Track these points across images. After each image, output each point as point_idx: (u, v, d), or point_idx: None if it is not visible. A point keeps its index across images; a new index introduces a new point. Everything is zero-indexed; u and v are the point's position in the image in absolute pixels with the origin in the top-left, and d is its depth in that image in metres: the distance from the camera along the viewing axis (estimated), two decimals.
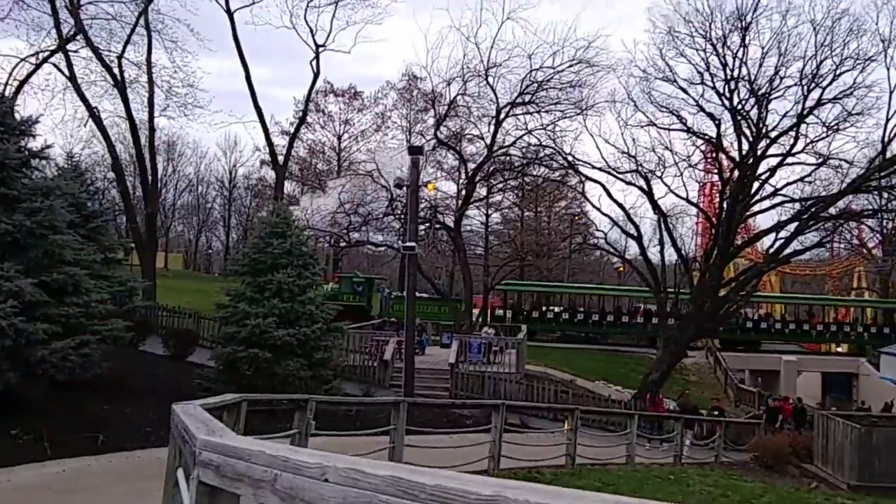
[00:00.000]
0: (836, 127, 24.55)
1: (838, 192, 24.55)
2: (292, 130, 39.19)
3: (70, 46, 26.02)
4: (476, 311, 34.83)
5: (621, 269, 67.11)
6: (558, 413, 20.75)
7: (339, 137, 52.02)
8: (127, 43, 26.98)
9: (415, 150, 18.15)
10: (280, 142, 38.36)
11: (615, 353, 39.95)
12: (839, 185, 24.85)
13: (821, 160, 24.96)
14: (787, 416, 25.88)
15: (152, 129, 27.61)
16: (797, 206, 27.43)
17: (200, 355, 20.50)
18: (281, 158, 30.02)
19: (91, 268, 12.94)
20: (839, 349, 45.14)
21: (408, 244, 17.32)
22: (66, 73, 27.10)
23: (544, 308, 42.49)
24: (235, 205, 69.88)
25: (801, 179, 27.19)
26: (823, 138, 24.61)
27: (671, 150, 27.93)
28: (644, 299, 44.65)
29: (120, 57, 26.90)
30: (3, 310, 9.94)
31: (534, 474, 12.91)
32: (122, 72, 26.95)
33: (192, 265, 74.40)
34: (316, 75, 29.49)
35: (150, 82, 27.20)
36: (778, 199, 27.21)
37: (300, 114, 35.81)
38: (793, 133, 24.42)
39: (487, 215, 55.89)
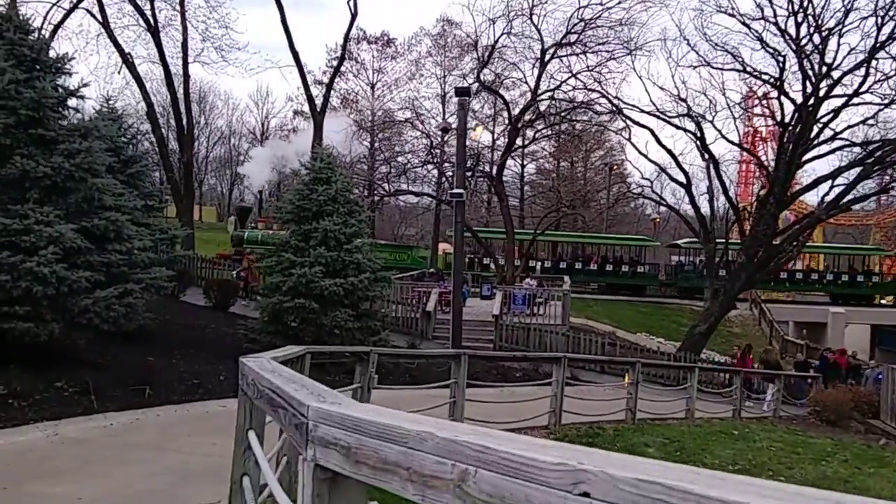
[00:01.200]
0: None
1: None
2: (327, 79, 38.33)
3: None
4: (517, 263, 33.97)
5: (657, 219, 65.87)
6: (605, 366, 20.16)
7: (373, 86, 50.86)
8: None
9: (462, 92, 17.22)
10: (314, 91, 37.48)
11: (657, 304, 39.14)
12: None
13: (889, 100, 23.40)
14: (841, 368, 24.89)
15: (186, 75, 26.90)
16: (856, 151, 26.08)
17: (242, 307, 20.20)
18: (318, 105, 29.10)
19: (132, 214, 12.43)
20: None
21: (455, 191, 16.57)
22: (99, 18, 26.47)
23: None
24: None
25: (864, 122, 25.70)
26: (893, 76, 23.03)
27: (724, 93, 26.61)
28: (613, 246, 42.90)
29: None
30: (44, 256, 9.44)
31: (595, 430, 12.35)
32: (154, 15, 26.19)
33: (226, 218, 74.38)
34: (354, 15, 28.37)
35: (184, 25, 26.42)
36: (837, 144, 25.80)
37: (336, 59, 34.75)
38: (860, 72, 22.89)
39: (523, 166, 54.77)
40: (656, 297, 40.55)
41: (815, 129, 24.70)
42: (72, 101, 11.26)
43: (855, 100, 24.32)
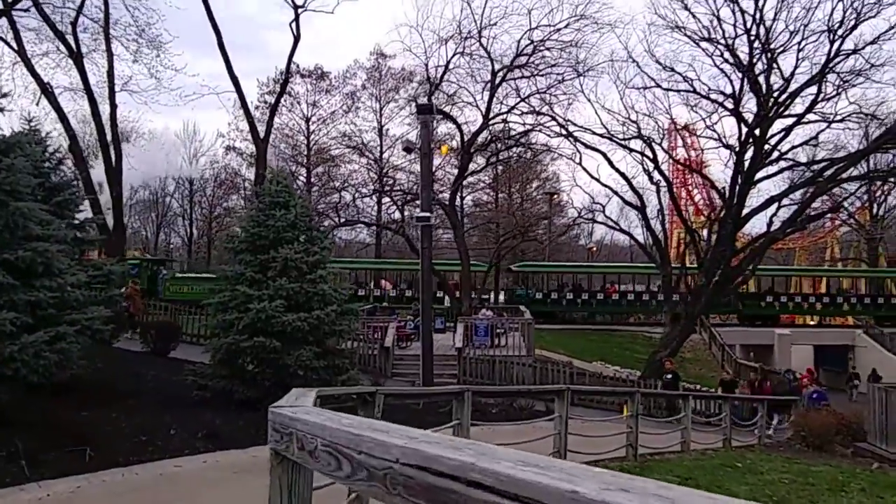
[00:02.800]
0: (850, 83, 23.09)
1: (859, 152, 23.20)
2: (260, 114, 36.63)
3: (20, 6, 23.20)
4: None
5: (592, 248, 66.32)
6: (576, 396, 19.10)
7: (308, 120, 49.39)
8: (81, 6, 24.23)
9: (424, 109, 16.06)
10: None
11: (608, 332, 38.59)
12: (858, 145, 23.53)
13: (832, 118, 23.50)
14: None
15: (114, 104, 24.84)
16: (799, 171, 26.22)
17: (183, 351, 18.45)
18: (261, 132, 27.34)
19: (62, 246, 10.68)
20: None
21: (421, 214, 15.36)
22: (14, 46, 24.36)
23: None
24: (196, 197, 66.33)
25: (807, 143, 25.86)
26: (838, 94, 23.16)
27: (671, 118, 26.49)
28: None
29: (74, 23, 24.14)
30: None
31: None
32: (77, 40, 24.20)
33: None
34: (297, 39, 26.81)
35: (109, 51, 24.44)
36: (785, 164, 25.86)
37: (270, 92, 33.29)
38: (811, 90, 22.92)
39: (462, 197, 54.01)
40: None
41: (767, 148, 24.65)
42: None
43: (808, 116, 24.41)
